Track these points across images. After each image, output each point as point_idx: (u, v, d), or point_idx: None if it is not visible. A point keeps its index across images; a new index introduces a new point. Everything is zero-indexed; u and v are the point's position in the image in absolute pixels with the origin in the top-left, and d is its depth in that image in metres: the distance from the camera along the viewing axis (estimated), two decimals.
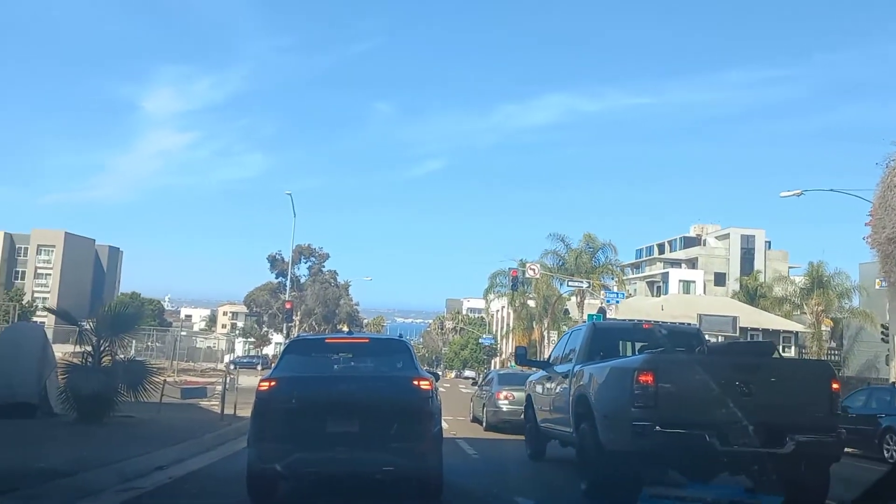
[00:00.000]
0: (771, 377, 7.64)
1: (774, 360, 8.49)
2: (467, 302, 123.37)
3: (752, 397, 7.27)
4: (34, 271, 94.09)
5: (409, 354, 8.70)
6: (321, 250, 77.30)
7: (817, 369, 8.64)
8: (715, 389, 7.25)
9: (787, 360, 10.58)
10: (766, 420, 7.19)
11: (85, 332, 13.19)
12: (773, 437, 7.18)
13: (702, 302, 56.04)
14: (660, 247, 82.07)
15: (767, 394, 7.38)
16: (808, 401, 7.58)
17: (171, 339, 49.38)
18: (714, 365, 7.66)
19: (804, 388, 7.67)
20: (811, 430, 7.35)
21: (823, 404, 7.59)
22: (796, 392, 7.53)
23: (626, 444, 7.46)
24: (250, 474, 7.48)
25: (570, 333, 11.77)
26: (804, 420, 7.43)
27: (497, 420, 17.13)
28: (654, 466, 7.61)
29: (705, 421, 7.17)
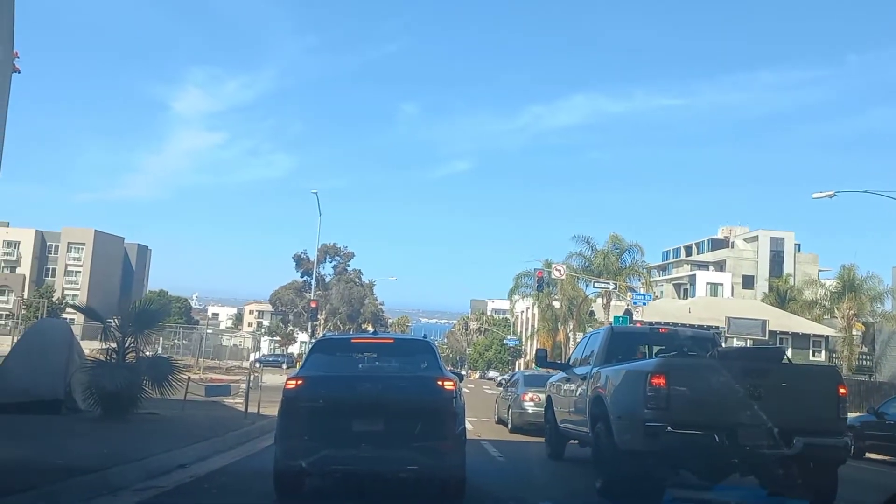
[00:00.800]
0: (780, 381, 7.89)
1: (784, 365, 8.71)
2: (492, 303, 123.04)
3: (762, 400, 7.53)
4: (64, 268, 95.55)
5: (433, 355, 8.77)
6: (346, 249, 77.51)
7: (825, 374, 8.86)
8: (725, 392, 7.58)
9: (796, 366, 11.23)
10: (774, 423, 7.44)
11: (110, 328, 13.18)
12: (782, 439, 7.44)
13: (730, 305, 55.29)
14: (687, 249, 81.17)
15: (776, 397, 7.64)
16: (816, 405, 7.86)
17: (198, 337, 49.71)
18: (724, 369, 7.89)
19: (812, 393, 7.95)
20: (819, 433, 7.62)
21: (831, 408, 7.84)
22: (804, 396, 7.83)
23: (639, 444, 7.75)
24: (277, 471, 7.68)
25: (589, 337, 12.10)
26: (812, 423, 7.69)
27: (523, 422, 16.90)
28: (667, 466, 7.85)
29: (716, 423, 7.46)
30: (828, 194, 29.07)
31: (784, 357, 8.86)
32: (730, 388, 7.58)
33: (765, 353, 10.16)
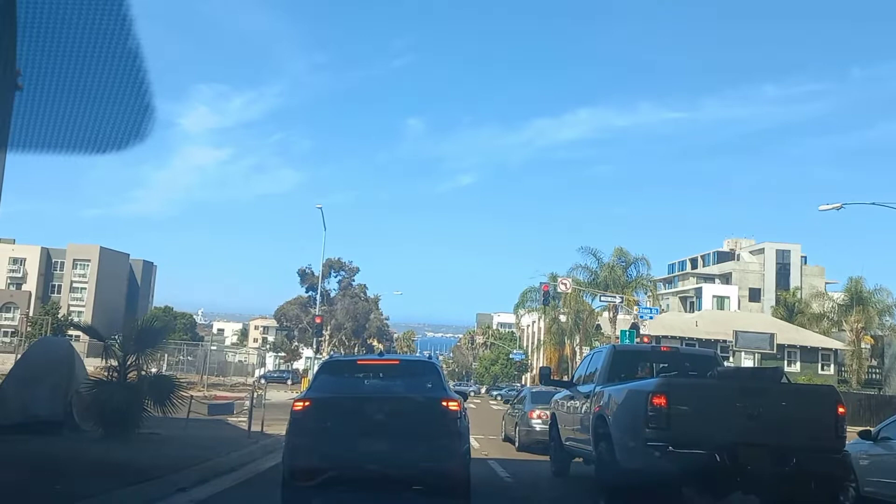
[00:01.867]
0: (779, 401, 7.99)
1: (782, 384, 8.75)
2: (498, 317, 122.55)
3: (761, 420, 7.66)
4: (70, 285, 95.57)
5: (438, 376, 8.94)
6: (351, 264, 77.26)
7: (824, 394, 8.88)
8: (725, 412, 7.77)
9: (795, 385, 11.15)
10: (774, 442, 7.58)
11: (111, 346, 13.02)
12: (781, 458, 7.54)
13: (737, 318, 54.93)
14: (692, 261, 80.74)
15: (776, 417, 7.75)
16: (815, 424, 7.93)
17: (202, 354, 49.52)
18: (724, 389, 8.19)
19: (811, 412, 8.05)
20: (817, 452, 7.72)
21: (830, 427, 7.92)
22: (803, 415, 7.93)
23: (640, 462, 7.87)
24: (284, 490, 7.93)
25: (592, 355, 12.22)
26: (811, 442, 7.79)
27: (530, 440, 16.62)
28: (668, 485, 7.98)
29: (716, 442, 7.53)
30: (835, 206, 28.83)
31: (783, 377, 8.90)
32: (730, 407, 7.77)
33: (764, 372, 10.25)
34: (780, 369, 9.02)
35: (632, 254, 45.13)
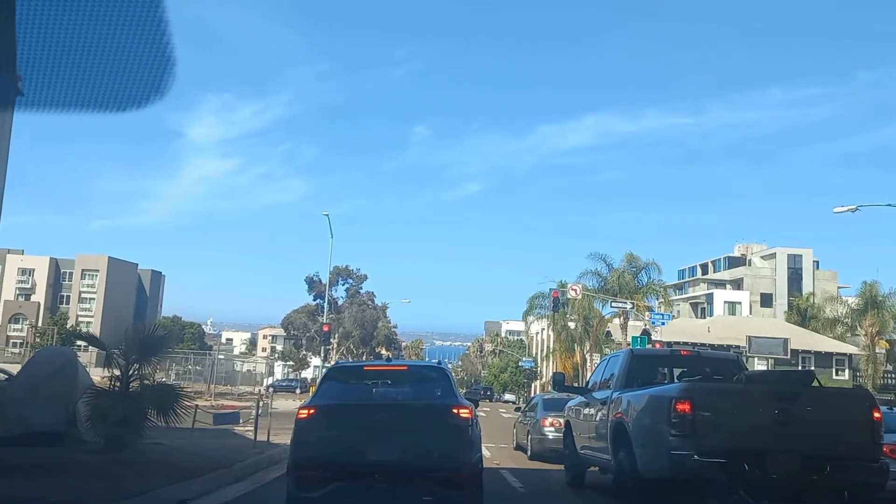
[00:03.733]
0: (810, 406, 7.66)
1: (814, 388, 8.36)
2: (506, 324, 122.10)
3: (792, 426, 7.33)
4: (78, 296, 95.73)
5: (448, 382, 8.64)
6: (359, 272, 76.99)
7: (858, 398, 8.42)
8: (753, 418, 7.38)
9: (828, 389, 10.52)
10: (805, 449, 7.23)
11: (114, 356, 12.72)
12: (814, 466, 7.21)
13: (749, 323, 54.40)
14: (703, 267, 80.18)
15: (807, 422, 7.41)
16: (849, 430, 7.57)
17: (210, 363, 49.28)
18: (752, 393, 7.73)
19: (845, 417, 7.67)
20: (852, 459, 7.38)
21: (865, 433, 7.55)
22: (837, 421, 7.56)
23: (663, 472, 7.56)
24: (290, 501, 7.71)
25: (608, 359, 11.78)
26: (845, 449, 7.43)
27: (543, 449, 16.23)
28: (693, 495, 7.70)
29: (744, 449, 7.22)
30: (850, 208, 28.50)
31: (814, 380, 8.50)
32: (758, 413, 7.42)
33: (794, 376, 9.92)
34: (812, 372, 8.66)
35: (642, 259, 44.65)
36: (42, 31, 3.95)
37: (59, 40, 3.97)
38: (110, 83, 4.07)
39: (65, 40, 3.97)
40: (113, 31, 3.92)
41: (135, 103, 4.15)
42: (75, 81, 4.08)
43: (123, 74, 4.04)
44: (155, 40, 3.88)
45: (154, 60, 3.96)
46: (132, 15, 3.87)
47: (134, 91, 4.09)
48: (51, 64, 4.04)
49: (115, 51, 3.97)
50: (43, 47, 3.99)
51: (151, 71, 3.98)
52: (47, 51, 4.00)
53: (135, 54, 3.97)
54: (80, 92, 4.09)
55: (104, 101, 4.13)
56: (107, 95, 4.10)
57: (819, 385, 8.61)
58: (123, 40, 3.94)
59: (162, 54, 3.93)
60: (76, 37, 3.95)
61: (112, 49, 3.97)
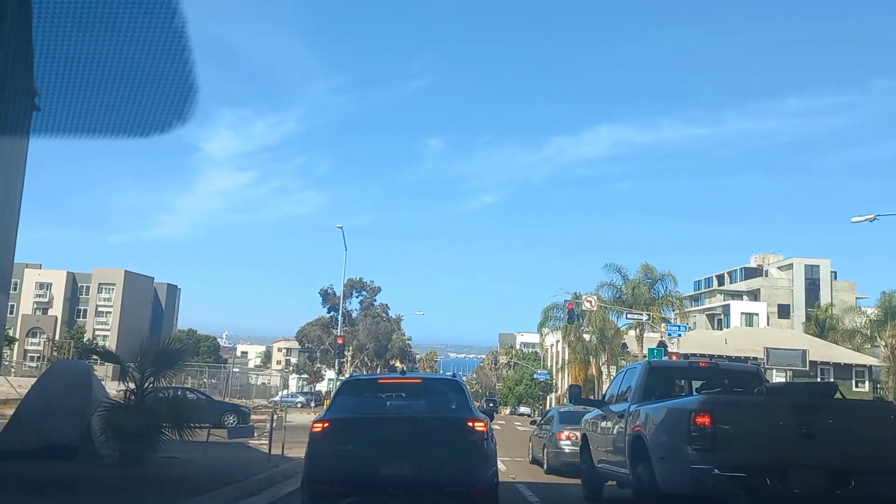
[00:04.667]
0: (834, 418, 7.47)
1: (837, 400, 8.18)
2: (521, 336, 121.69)
3: (815, 439, 7.17)
4: (95, 309, 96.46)
5: (463, 395, 8.57)
6: (373, 284, 77.00)
7: (883, 410, 8.19)
8: (775, 431, 7.25)
9: (851, 401, 10.40)
10: (829, 462, 7.09)
11: (128, 369, 12.72)
12: (838, 480, 7.07)
13: (767, 335, 53.84)
14: (719, 278, 79.58)
15: (831, 435, 7.25)
16: (874, 443, 7.34)
17: (225, 376, 49.37)
18: (774, 406, 7.63)
19: (869, 430, 7.46)
20: (878, 473, 7.17)
21: (890, 446, 7.32)
22: (861, 433, 7.36)
23: (683, 487, 7.42)
24: None
25: (625, 372, 11.59)
26: (870, 462, 7.23)
27: (559, 462, 16.04)
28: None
29: (766, 464, 7.08)
30: (867, 218, 28.29)
31: (837, 392, 8.31)
32: (780, 426, 7.28)
33: (816, 388, 9.70)
34: (834, 384, 8.45)
35: (658, 270, 44.34)
36: (64, 55, 4.04)
37: (83, 66, 4.07)
38: (135, 109, 4.20)
39: (89, 67, 4.08)
40: (138, 58, 4.02)
41: (158, 128, 4.28)
42: (100, 107, 4.20)
43: (148, 101, 4.18)
44: (179, 67, 4.00)
45: (178, 87, 4.08)
46: (157, 42, 3.96)
47: (158, 117, 4.22)
48: (74, 89, 4.16)
49: (140, 78, 4.09)
50: (66, 71, 4.08)
51: (175, 97, 4.11)
52: (70, 75, 4.10)
53: (159, 81, 4.10)
54: (105, 117, 4.22)
55: (128, 127, 4.26)
56: (131, 121, 4.23)
57: (842, 397, 8.42)
58: (148, 68, 4.06)
59: (185, 81, 4.05)
60: (100, 64, 4.06)
61: (137, 76, 4.09)
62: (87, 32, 3.97)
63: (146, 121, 4.21)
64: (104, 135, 4.28)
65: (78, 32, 3.97)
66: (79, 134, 4.31)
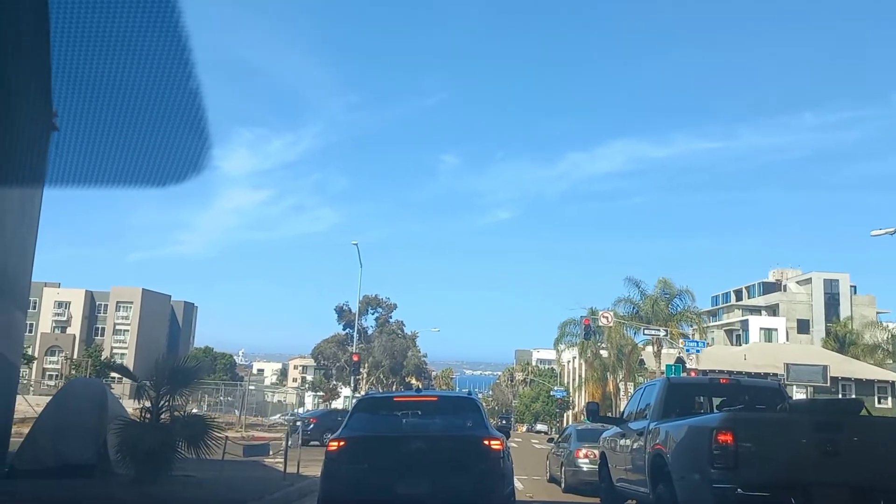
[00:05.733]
0: (860, 436, 7.31)
1: (863, 417, 8.00)
2: (537, 353, 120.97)
3: (840, 457, 6.98)
4: (113, 327, 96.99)
5: (478, 413, 8.53)
6: (388, 300, 76.97)
7: None
8: (799, 449, 7.11)
9: (878, 418, 10.13)
10: (855, 481, 6.94)
11: (143, 387, 12.71)
12: (863, 500, 6.95)
13: (787, 350, 53.21)
14: (737, 293, 78.97)
15: (856, 453, 7.08)
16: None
17: (241, 394, 49.40)
18: (797, 423, 7.49)
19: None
20: None
21: None
22: (888, 451, 7.17)
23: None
24: None
25: (644, 388, 11.49)
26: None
27: (577, 481, 15.82)
28: None
29: (789, 482, 6.95)
30: (887, 231, 28.04)
31: (862, 409, 8.14)
32: (804, 444, 7.13)
33: (840, 405, 9.52)
34: (860, 401, 8.28)
35: (676, 285, 43.96)
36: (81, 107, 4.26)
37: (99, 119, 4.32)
38: (156, 162, 4.47)
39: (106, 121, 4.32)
40: (160, 115, 4.30)
41: (174, 179, 4.52)
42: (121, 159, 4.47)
43: (168, 155, 4.45)
44: (195, 125, 4.28)
45: (195, 143, 4.36)
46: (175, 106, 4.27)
47: (176, 169, 4.48)
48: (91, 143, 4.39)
49: (162, 135, 4.38)
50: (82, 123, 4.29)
51: (192, 152, 4.39)
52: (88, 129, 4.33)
53: (179, 138, 4.38)
54: (125, 168, 4.49)
55: (149, 178, 4.52)
56: (151, 172, 4.50)
57: (868, 414, 8.25)
58: (169, 125, 4.34)
59: (201, 136, 4.32)
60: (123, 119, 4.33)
61: (159, 133, 4.37)
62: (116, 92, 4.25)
63: (165, 172, 4.47)
64: (124, 184, 4.55)
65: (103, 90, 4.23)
66: (99, 184, 4.59)
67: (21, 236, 11.05)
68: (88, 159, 4.41)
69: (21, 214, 10.78)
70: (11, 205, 9.76)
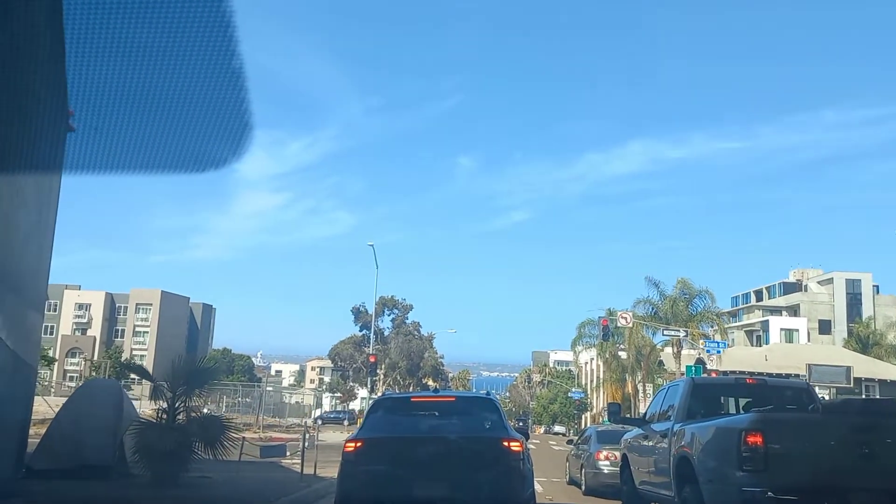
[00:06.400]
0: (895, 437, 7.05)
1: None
2: (554, 354, 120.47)
3: (875, 460, 6.76)
4: (132, 329, 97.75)
5: (497, 413, 8.39)
6: (404, 302, 76.73)
7: None
8: (833, 451, 6.88)
9: None
10: (890, 485, 6.71)
11: (160, 387, 12.65)
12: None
13: (808, 351, 52.54)
14: (757, 294, 78.12)
15: (892, 456, 6.83)
16: None
17: (258, 395, 49.51)
18: (831, 424, 7.24)
19: None
20: None
21: None
22: None
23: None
24: None
25: (668, 389, 11.20)
26: None
27: (598, 483, 15.57)
28: None
29: (823, 486, 6.72)
30: None
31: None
32: (838, 445, 6.89)
33: (878, 405, 9.21)
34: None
35: (695, 286, 43.44)
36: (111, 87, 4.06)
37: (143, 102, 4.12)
38: (194, 146, 4.30)
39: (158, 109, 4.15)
40: (200, 97, 4.12)
41: (213, 164, 4.36)
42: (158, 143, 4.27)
43: (208, 138, 4.28)
44: (237, 106, 4.11)
45: (236, 127, 4.19)
46: (219, 82, 4.06)
47: (215, 153, 4.32)
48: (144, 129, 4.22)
49: (202, 116, 4.19)
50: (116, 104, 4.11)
51: (232, 134, 4.23)
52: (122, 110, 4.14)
53: (219, 119, 4.21)
54: (161, 153, 4.29)
55: (185, 163, 4.36)
56: (189, 157, 4.33)
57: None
58: (209, 106, 4.15)
59: (242, 119, 4.16)
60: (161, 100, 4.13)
61: (198, 114, 4.19)
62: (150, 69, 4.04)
63: (204, 157, 4.34)
64: (161, 171, 4.39)
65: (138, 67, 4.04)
66: (137, 170, 4.43)
67: (37, 237, 10.99)
68: (124, 145, 4.28)
69: (37, 215, 10.72)
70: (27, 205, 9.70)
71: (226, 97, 4.07)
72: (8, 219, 8.80)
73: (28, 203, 9.75)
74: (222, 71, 3.98)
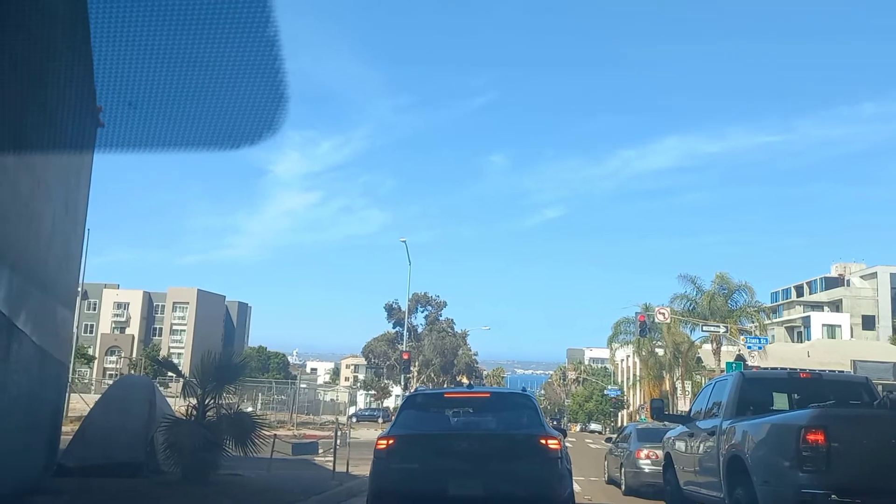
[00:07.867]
0: None
1: None
2: (589, 351, 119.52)
3: None
4: (170, 327, 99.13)
5: (534, 410, 8.15)
6: (438, 298, 76.53)
7: None
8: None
9: None
10: None
11: (190, 384, 12.50)
12: None
13: (852, 347, 51.23)
14: (798, 289, 76.40)
15: None
16: None
17: (293, 393, 49.74)
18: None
19: None
20: None
21: None
22: None
23: None
24: None
25: (714, 384, 10.70)
26: None
27: (638, 483, 15.10)
28: None
29: (890, 487, 6.32)
30: None
31: None
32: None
33: None
34: None
35: (734, 281, 42.43)
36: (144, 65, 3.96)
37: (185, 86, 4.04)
38: (229, 120, 4.17)
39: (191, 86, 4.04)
40: (235, 69, 3.98)
41: (249, 141, 4.22)
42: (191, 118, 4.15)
43: (242, 112, 4.15)
44: (272, 77, 3.93)
45: (270, 101, 4.03)
46: (251, 61, 3.93)
47: (249, 130, 4.18)
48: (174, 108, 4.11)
49: (237, 89, 4.07)
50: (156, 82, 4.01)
51: (266, 111, 4.08)
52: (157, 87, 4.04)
53: (254, 92, 4.06)
54: (196, 128, 4.18)
55: (223, 140, 4.25)
56: (224, 132, 4.21)
57: None
58: (244, 78, 4.02)
59: (276, 93, 3.98)
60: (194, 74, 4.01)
61: (233, 87, 4.06)
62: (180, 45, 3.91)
63: (239, 132, 4.22)
64: (196, 147, 4.27)
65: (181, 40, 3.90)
66: (173, 147, 4.32)
67: (65, 234, 10.87)
68: (160, 123, 4.15)
69: (64, 212, 10.59)
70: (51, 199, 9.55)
71: (260, 67, 3.91)
72: (31, 213, 8.64)
73: (53, 197, 9.61)
74: (257, 39, 3.82)
